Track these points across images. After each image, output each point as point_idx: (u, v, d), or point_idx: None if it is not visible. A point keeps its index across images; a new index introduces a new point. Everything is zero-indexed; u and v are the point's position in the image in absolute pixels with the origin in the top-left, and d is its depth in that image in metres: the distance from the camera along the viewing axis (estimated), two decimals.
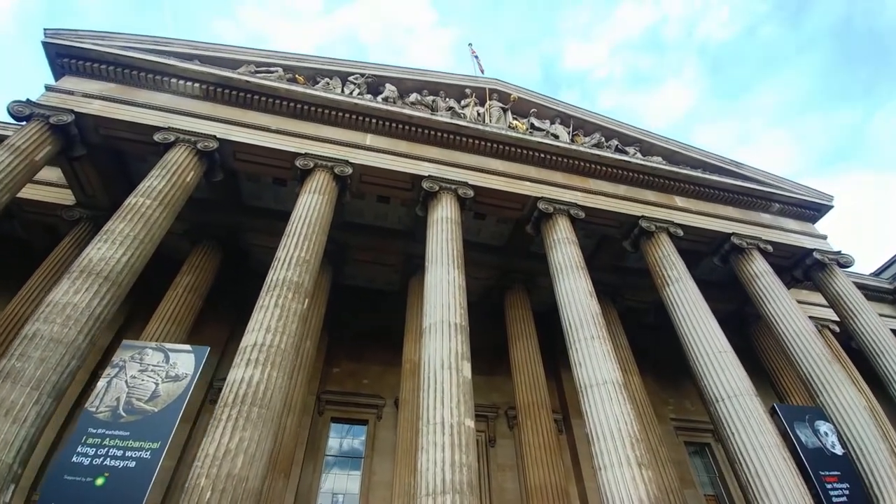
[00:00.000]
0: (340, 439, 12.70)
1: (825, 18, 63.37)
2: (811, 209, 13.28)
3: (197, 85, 10.63)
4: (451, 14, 73.41)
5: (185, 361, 6.42)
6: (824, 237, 12.97)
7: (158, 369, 6.29)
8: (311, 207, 8.86)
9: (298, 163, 9.84)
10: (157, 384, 6.15)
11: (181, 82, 10.65)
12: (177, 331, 9.96)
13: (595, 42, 74.17)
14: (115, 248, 7.33)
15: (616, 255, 13.68)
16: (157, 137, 9.75)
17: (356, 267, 13.74)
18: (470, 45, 19.35)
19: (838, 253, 12.40)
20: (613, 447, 6.81)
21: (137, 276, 7.66)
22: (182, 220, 11.82)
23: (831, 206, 13.30)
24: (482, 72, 15.30)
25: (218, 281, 11.88)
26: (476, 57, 17.96)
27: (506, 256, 13.10)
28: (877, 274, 18.24)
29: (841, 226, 62.42)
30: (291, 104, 10.71)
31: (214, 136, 10.03)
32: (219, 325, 12.51)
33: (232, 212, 12.12)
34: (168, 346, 6.66)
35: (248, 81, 10.56)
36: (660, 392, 15.03)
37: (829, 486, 8.10)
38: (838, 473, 8.41)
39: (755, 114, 73.11)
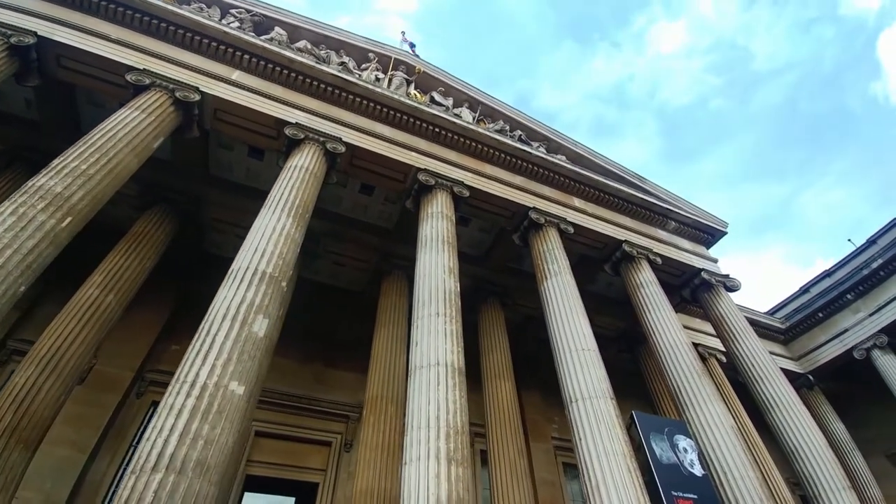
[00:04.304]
0: None
1: (772, 98, 69.72)
2: (706, 232, 13.15)
3: None
4: (435, 40, 74.50)
5: None
6: (715, 260, 12.81)
7: None
8: (124, 123, 7.20)
9: (130, 77, 8.19)
10: None
11: None
12: None
13: (567, 88, 77.58)
14: None
15: (513, 255, 12.78)
16: None
17: (223, 236, 11.94)
18: (403, 32, 18.66)
19: (726, 276, 12.21)
20: (426, 438, 5.52)
21: None
22: None
23: (725, 232, 13.26)
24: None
25: None
26: (405, 41, 17.17)
27: (391, 240, 11.83)
28: (771, 313, 18.68)
29: (758, 290, 67.03)
30: (146, 19, 9.09)
31: (35, 33, 8.25)
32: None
33: (61, 138, 10.08)
34: None
35: None
36: (545, 410, 14.06)
37: None
38: (695, 497, 7.52)
39: (697, 178, 78.35)
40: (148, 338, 10.44)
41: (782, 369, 15.73)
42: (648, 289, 10.40)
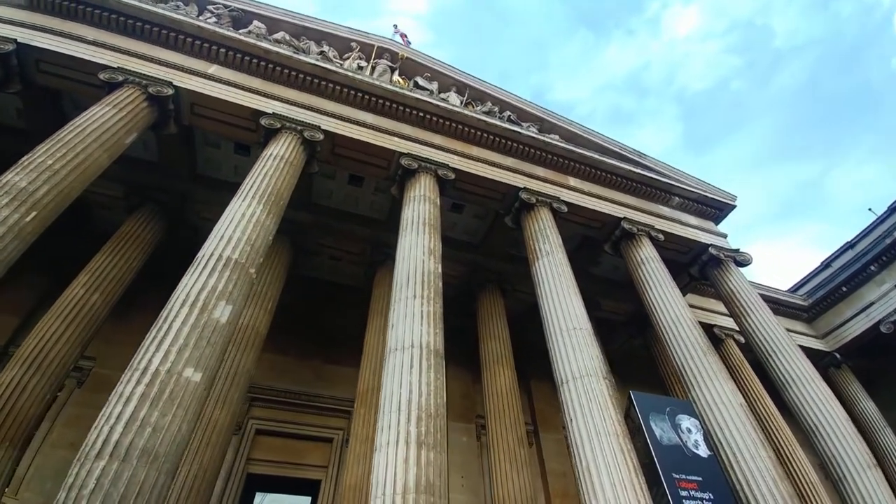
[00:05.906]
0: None
1: (794, 78, 66.95)
2: (713, 207, 12.51)
3: None
4: (446, 39, 74.39)
5: None
6: (724, 235, 12.17)
7: None
8: (94, 119, 7.17)
9: (104, 76, 8.19)
10: None
11: None
12: None
13: (581, 79, 76.24)
14: None
15: (511, 241, 12.41)
16: None
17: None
18: (395, 25, 18.52)
19: (736, 251, 11.57)
20: (396, 422, 5.26)
21: None
22: None
23: (734, 206, 12.59)
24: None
25: None
26: (397, 33, 17.00)
27: (383, 229, 11.61)
28: (793, 291, 17.75)
29: (791, 275, 64.44)
30: (122, 19, 9.10)
31: (15, 40, 8.36)
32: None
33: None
34: None
35: None
36: (553, 399, 13.61)
37: (683, 492, 6.72)
38: (699, 479, 7.04)
39: (721, 162, 75.72)
40: (142, 331, 10.46)
41: (807, 348, 14.94)
42: (649, 265, 9.92)
